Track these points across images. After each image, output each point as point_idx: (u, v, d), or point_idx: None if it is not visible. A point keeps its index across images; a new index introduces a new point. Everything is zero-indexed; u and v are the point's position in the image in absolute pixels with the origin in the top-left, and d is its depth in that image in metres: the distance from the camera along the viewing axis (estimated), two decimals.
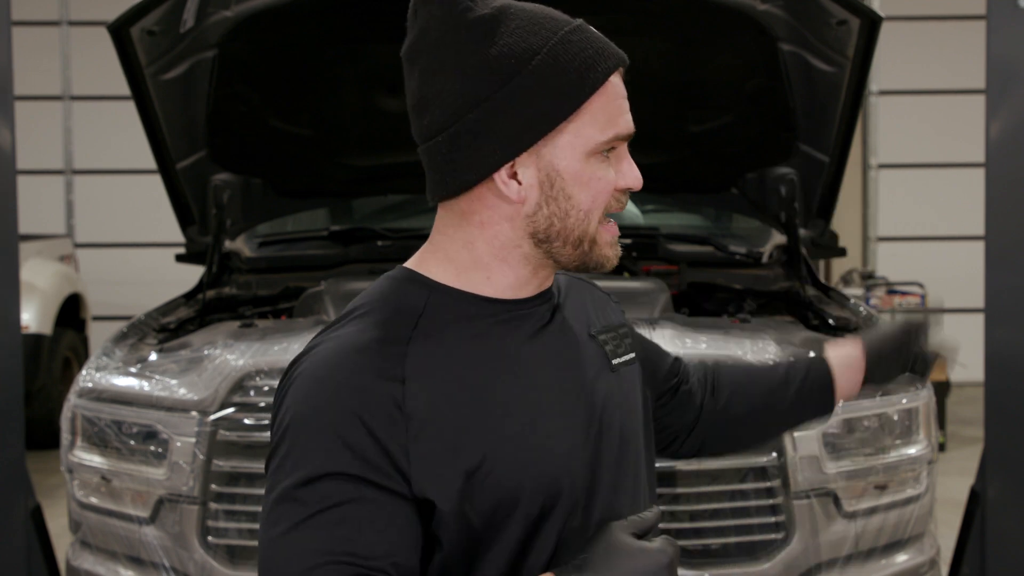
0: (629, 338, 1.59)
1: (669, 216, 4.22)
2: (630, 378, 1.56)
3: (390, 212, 4.20)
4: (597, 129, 1.37)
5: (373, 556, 1.26)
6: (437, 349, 1.38)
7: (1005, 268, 3.29)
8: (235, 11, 3.29)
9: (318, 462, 1.28)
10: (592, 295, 1.61)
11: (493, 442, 1.36)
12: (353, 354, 1.34)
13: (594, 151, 1.38)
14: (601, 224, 1.41)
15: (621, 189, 1.41)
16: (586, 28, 1.39)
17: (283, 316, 3.73)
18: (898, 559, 2.91)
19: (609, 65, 1.37)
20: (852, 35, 3.22)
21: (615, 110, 1.38)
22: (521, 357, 1.42)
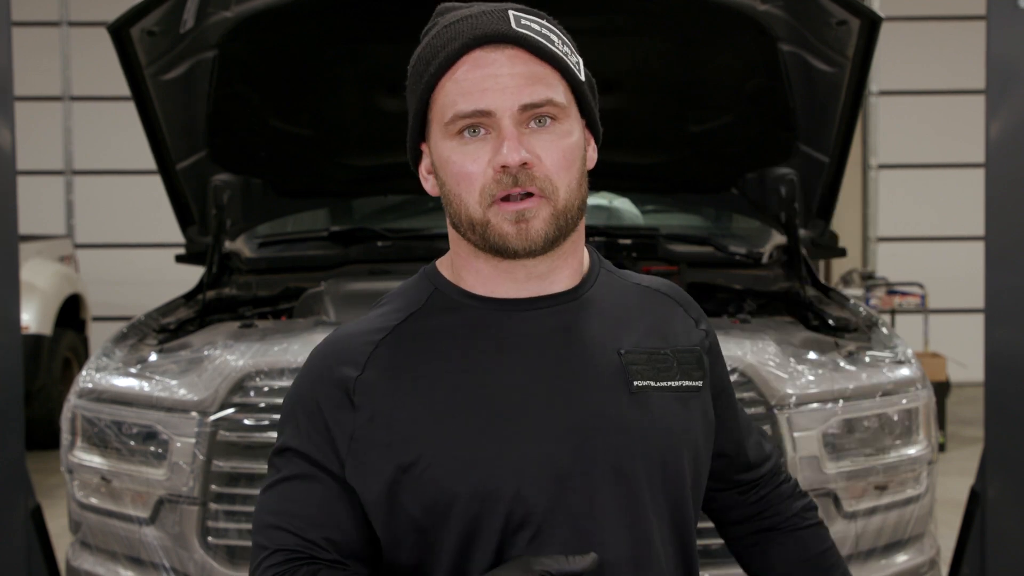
0: (692, 364, 1.48)
1: (669, 216, 4.22)
2: (668, 407, 1.44)
3: (390, 212, 4.20)
4: (441, 116, 1.40)
5: (309, 529, 1.40)
6: (410, 344, 1.43)
7: (1005, 268, 3.29)
8: (235, 11, 3.28)
9: (285, 436, 1.46)
10: (667, 313, 1.52)
11: (433, 441, 1.38)
12: (334, 343, 1.47)
13: (448, 134, 1.39)
14: (494, 204, 1.38)
15: (497, 169, 1.37)
16: (469, 17, 1.40)
17: (283, 317, 3.73)
18: (898, 559, 2.91)
19: (453, 48, 1.38)
20: (852, 35, 3.22)
21: (459, 91, 1.38)
22: (495, 360, 1.41)
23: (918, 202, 10.01)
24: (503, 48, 1.37)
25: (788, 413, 2.79)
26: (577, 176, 1.41)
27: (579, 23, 3.38)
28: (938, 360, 7.35)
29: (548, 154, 1.38)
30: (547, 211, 1.38)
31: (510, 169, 1.36)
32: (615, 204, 4.07)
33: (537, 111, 1.37)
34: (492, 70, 1.37)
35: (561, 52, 1.41)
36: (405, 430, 1.39)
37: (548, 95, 1.38)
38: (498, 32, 1.37)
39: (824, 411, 2.83)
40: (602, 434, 1.40)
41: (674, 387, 1.45)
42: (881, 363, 3.00)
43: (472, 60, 1.37)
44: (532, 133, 1.37)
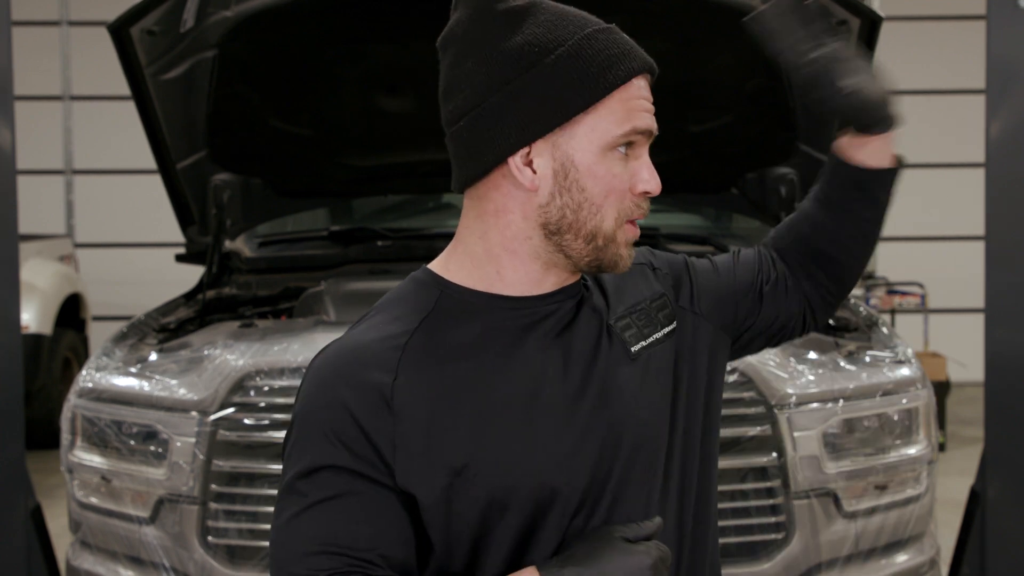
0: (665, 309, 1.53)
1: (669, 216, 4.22)
2: (661, 357, 1.49)
3: (390, 212, 4.20)
4: (614, 123, 1.40)
5: (361, 547, 1.33)
6: (436, 346, 1.41)
7: (1005, 268, 3.29)
8: (235, 11, 3.28)
9: (315, 454, 1.35)
10: (624, 274, 1.53)
11: (481, 442, 1.37)
12: (353, 351, 1.40)
13: (609, 145, 1.40)
14: (620, 225, 1.42)
15: (639, 193, 1.43)
16: (616, 31, 1.45)
17: (283, 316, 3.72)
18: (898, 559, 2.91)
19: (633, 66, 1.43)
20: (852, 35, 3.22)
21: (634, 107, 1.42)
22: (525, 356, 1.41)
23: (918, 202, 10.00)
24: (646, 77, 1.47)
25: (788, 413, 2.79)
26: None
27: None
28: (938, 360, 7.35)
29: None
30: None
31: (651, 194, 1.45)
32: None
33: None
34: (647, 95, 1.46)
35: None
36: (450, 434, 1.36)
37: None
38: (650, 65, 1.46)
39: (824, 411, 2.83)
40: (624, 412, 1.43)
41: (660, 338, 1.50)
42: (881, 363, 3.00)
43: (638, 83, 1.45)
44: None
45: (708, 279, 1.61)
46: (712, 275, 1.63)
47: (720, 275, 1.64)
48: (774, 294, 1.66)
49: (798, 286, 1.67)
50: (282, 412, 2.83)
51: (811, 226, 1.68)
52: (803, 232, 1.69)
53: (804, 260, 1.68)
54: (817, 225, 1.68)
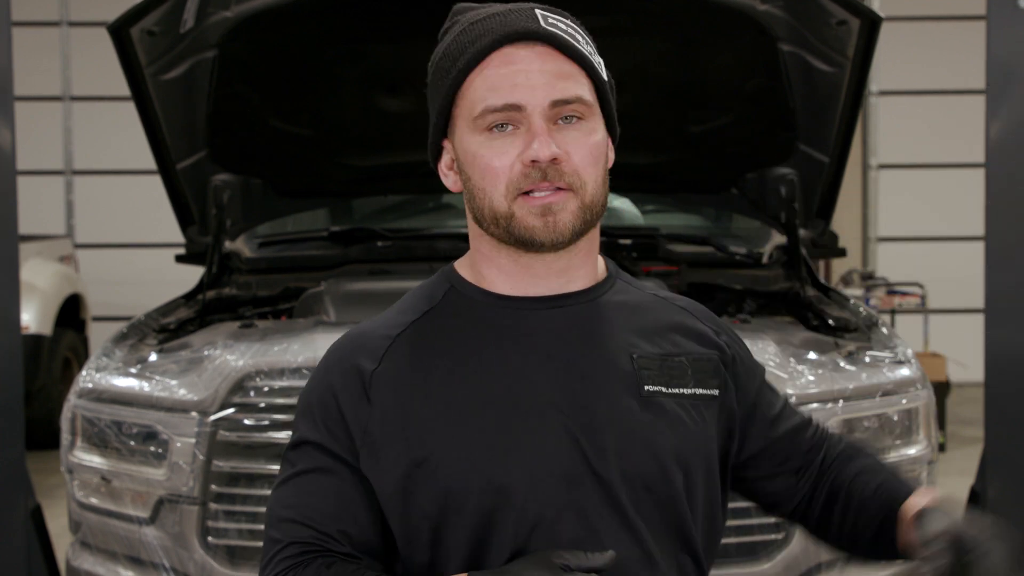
0: (707, 373, 1.48)
1: (669, 216, 4.21)
2: (680, 414, 1.44)
3: (390, 212, 4.20)
4: (471, 106, 1.40)
5: (326, 522, 1.41)
6: (427, 339, 1.45)
7: (1005, 268, 3.29)
8: (235, 11, 3.28)
9: (303, 429, 1.45)
10: (683, 322, 1.51)
11: (446, 437, 1.39)
12: (353, 337, 1.48)
13: (475, 129, 1.40)
14: (513, 199, 1.39)
15: (526, 163, 1.38)
16: (491, 18, 1.41)
17: (283, 316, 3.72)
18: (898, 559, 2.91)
19: (487, 42, 1.39)
20: (852, 35, 3.22)
21: (489, 86, 1.39)
22: (509, 358, 1.42)
23: (918, 202, 10.00)
24: (532, 45, 1.39)
25: None
26: (602, 173, 1.44)
27: None
28: (938, 360, 7.35)
29: (576, 150, 1.39)
30: (575, 204, 1.40)
31: (540, 164, 1.37)
32: (615, 204, 4.07)
33: (566, 108, 1.39)
34: (523, 66, 1.38)
35: (586, 51, 1.43)
36: (419, 426, 1.40)
37: (577, 92, 1.40)
38: (528, 29, 1.39)
39: (824, 411, 2.83)
40: (611, 437, 1.40)
41: (687, 394, 1.45)
42: (881, 363, 3.00)
43: (502, 56, 1.39)
44: (560, 129, 1.39)
45: (764, 411, 1.57)
46: (768, 412, 1.57)
47: (773, 424, 1.58)
48: (784, 473, 1.60)
49: (800, 486, 1.60)
50: (282, 412, 2.82)
51: (844, 506, 1.57)
52: (838, 495, 1.58)
53: (822, 495, 1.59)
54: (847, 511, 1.57)
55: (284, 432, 2.80)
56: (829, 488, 1.58)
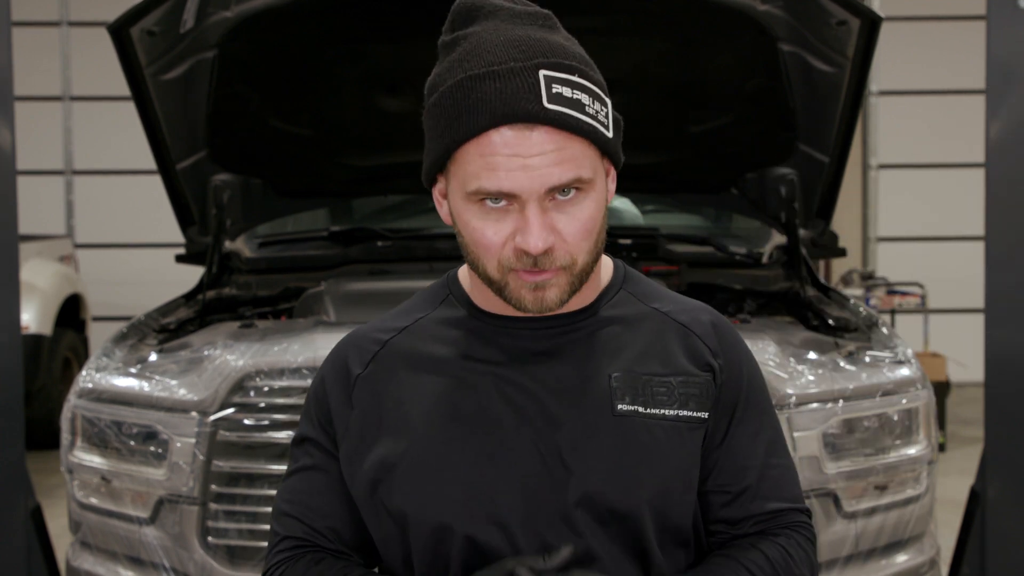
0: (695, 395, 1.43)
1: (669, 216, 4.21)
2: (656, 435, 1.40)
3: (390, 212, 4.20)
4: (466, 178, 1.34)
5: (316, 519, 1.47)
6: (414, 347, 1.46)
7: (1005, 268, 3.29)
8: (235, 11, 3.28)
9: (303, 426, 1.51)
10: (678, 341, 1.46)
11: (412, 448, 1.41)
12: (352, 337, 1.52)
13: (470, 203, 1.35)
14: (505, 274, 1.36)
15: (518, 247, 1.34)
16: (485, 80, 1.32)
17: (283, 316, 3.72)
18: (898, 559, 2.91)
19: (482, 122, 1.31)
20: (852, 35, 3.22)
21: (489, 165, 1.31)
22: (486, 375, 1.42)
23: (918, 202, 10.00)
24: (533, 128, 1.31)
25: (788, 413, 2.79)
26: (598, 235, 1.39)
27: (579, 23, 3.39)
28: (938, 360, 7.35)
29: (570, 228, 1.35)
30: (565, 279, 1.37)
31: (529, 254, 1.33)
32: (615, 204, 4.07)
33: (561, 190, 1.34)
34: (519, 151, 1.30)
35: (591, 118, 1.34)
36: (392, 434, 1.42)
37: (576, 174, 1.33)
38: (528, 112, 1.30)
39: (824, 411, 2.83)
40: (577, 457, 1.39)
41: (669, 416, 1.41)
42: (881, 363, 3.00)
43: (503, 136, 1.31)
44: (557, 206, 1.34)
45: (724, 445, 1.48)
46: (727, 449, 1.49)
47: (722, 465, 1.49)
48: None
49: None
50: (282, 412, 2.83)
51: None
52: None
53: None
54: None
55: (284, 432, 2.80)
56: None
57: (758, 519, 1.48)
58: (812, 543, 1.51)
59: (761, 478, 1.48)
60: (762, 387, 1.53)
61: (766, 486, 1.48)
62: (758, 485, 1.48)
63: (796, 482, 1.54)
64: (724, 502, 1.47)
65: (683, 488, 1.43)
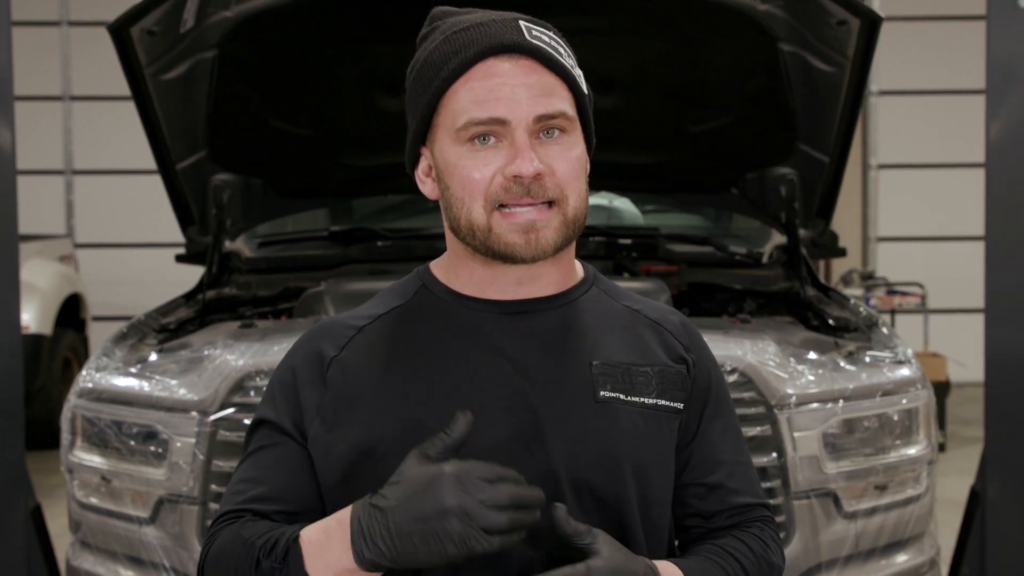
0: (674, 386, 1.46)
1: (669, 216, 4.22)
2: (636, 423, 1.43)
3: (390, 212, 4.20)
4: (455, 117, 1.39)
5: (269, 499, 1.44)
6: (387, 334, 1.47)
7: (1005, 268, 3.29)
8: (235, 11, 3.28)
9: (260, 410, 1.51)
10: (651, 336, 1.49)
11: (389, 431, 1.41)
12: (324, 325, 1.52)
13: (457, 140, 1.39)
14: (490, 213, 1.39)
15: (508, 177, 1.38)
16: (469, 29, 1.40)
17: (283, 316, 3.72)
18: (898, 559, 2.91)
19: (471, 53, 1.38)
20: (852, 35, 3.22)
21: (473, 99, 1.38)
22: (466, 359, 1.43)
23: (918, 202, 10.00)
24: (517, 58, 1.38)
25: (788, 413, 2.79)
26: (584, 186, 1.43)
27: (579, 23, 3.39)
28: (938, 360, 7.35)
29: (560, 164, 1.39)
30: (558, 220, 1.39)
31: (523, 179, 1.37)
32: (615, 204, 4.07)
33: (550, 122, 1.38)
34: (507, 79, 1.37)
35: (569, 64, 1.42)
36: (368, 416, 1.42)
37: (561, 107, 1.39)
38: (513, 42, 1.38)
39: (824, 411, 2.83)
40: (559, 441, 1.40)
41: (648, 404, 1.44)
42: (881, 363, 3.00)
43: (486, 68, 1.38)
44: (543, 144, 1.38)
45: (697, 440, 1.52)
46: (699, 446, 1.52)
47: (694, 460, 1.52)
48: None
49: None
50: None
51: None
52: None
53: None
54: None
55: None
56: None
57: (731, 512, 1.53)
58: (776, 532, 1.57)
59: (732, 473, 1.53)
60: (726, 386, 1.59)
61: (736, 480, 1.53)
62: (729, 479, 1.52)
63: (758, 478, 1.60)
64: (699, 495, 1.51)
65: (663, 477, 1.46)
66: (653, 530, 1.46)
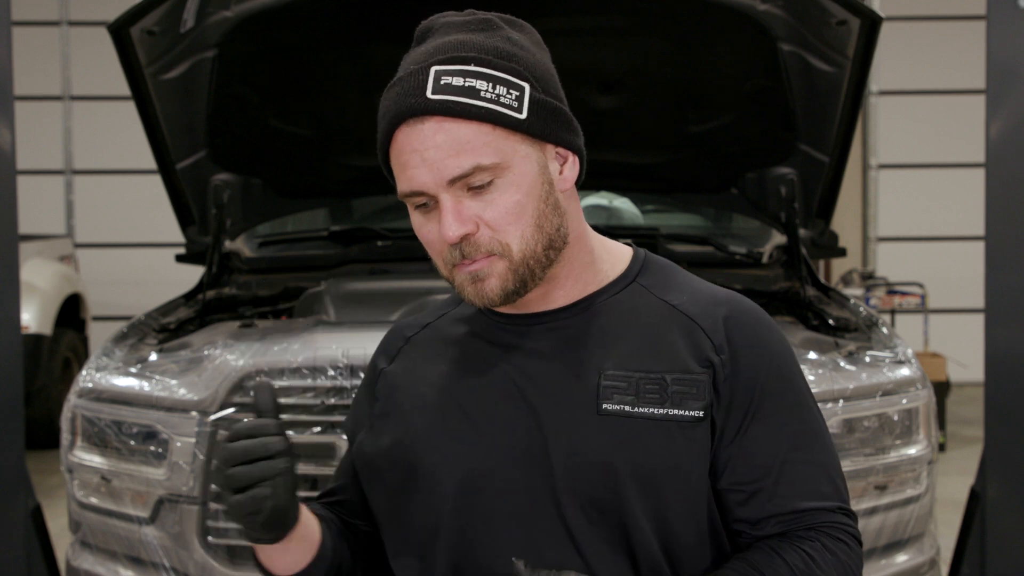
0: (689, 394, 1.39)
1: (669, 216, 4.21)
2: (643, 435, 1.37)
3: (390, 212, 4.19)
4: (397, 188, 1.41)
5: (336, 489, 1.61)
6: (428, 344, 1.54)
7: (1005, 268, 3.29)
8: (235, 11, 3.28)
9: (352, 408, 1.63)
10: (680, 336, 1.41)
11: (416, 442, 1.46)
12: (388, 334, 1.61)
13: (408, 206, 1.42)
14: (450, 270, 1.41)
15: (443, 243, 1.39)
16: (390, 90, 1.41)
17: (283, 316, 3.72)
18: (898, 559, 2.91)
19: (384, 126, 1.39)
20: (852, 35, 3.22)
21: (399, 170, 1.39)
22: (480, 373, 1.45)
23: (918, 202, 10.01)
24: (423, 120, 1.35)
25: None
26: (533, 220, 1.38)
27: (579, 23, 3.39)
28: (938, 360, 7.35)
29: (490, 214, 1.36)
30: (501, 267, 1.38)
31: (453, 244, 1.37)
32: (615, 204, 4.06)
33: (468, 179, 1.35)
34: (415, 146, 1.36)
35: (488, 102, 1.35)
36: (395, 426, 1.49)
37: (474, 161, 1.34)
38: (411, 107, 1.35)
39: (824, 411, 2.83)
40: (561, 454, 1.38)
41: (657, 415, 1.38)
42: (881, 363, 3.00)
43: (402, 136, 1.37)
44: (473, 196, 1.37)
45: (738, 443, 1.42)
46: (741, 448, 1.43)
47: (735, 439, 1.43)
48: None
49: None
50: (282, 412, 2.82)
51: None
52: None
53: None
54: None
55: None
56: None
57: (780, 519, 1.42)
58: (846, 544, 1.43)
59: (781, 475, 1.41)
60: (790, 380, 1.46)
61: (787, 484, 1.41)
62: (777, 483, 1.41)
63: (831, 479, 1.45)
64: (740, 500, 1.42)
65: (680, 487, 1.38)
66: (686, 546, 1.40)
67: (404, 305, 3.24)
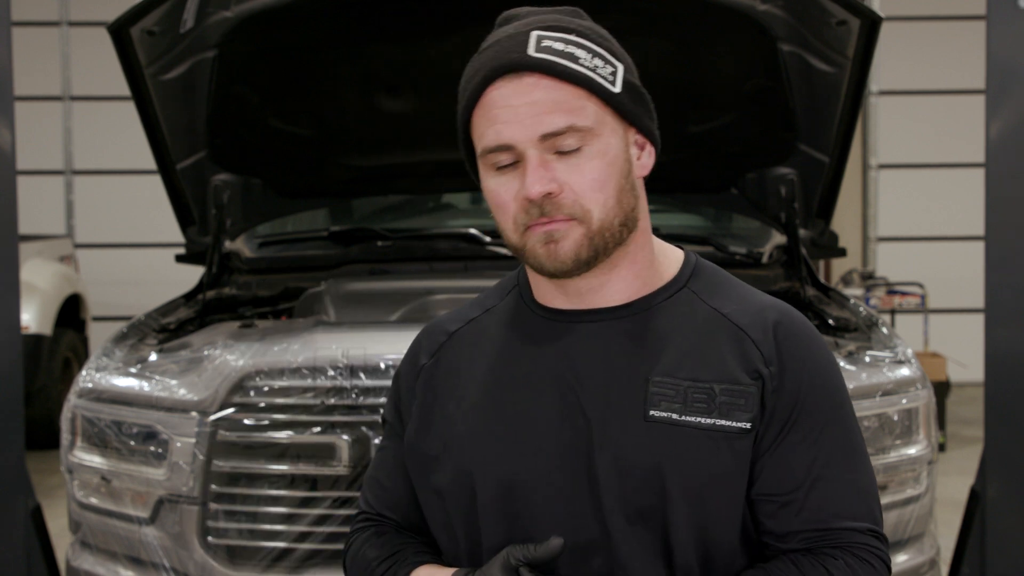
0: (737, 405, 1.37)
1: (669, 216, 4.21)
2: (690, 444, 1.36)
3: (390, 212, 4.19)
4: (477, 144, 1.40)
5: (384, 495, 1.56)
6: (471, 341, 1.51)
7: (1005, 268, 3.29)
8: (235, 11, 3.28)
9: (385, 409, 1.61)
10: (729, 346, 1.40)
11: (457, 442, 1.46)
12: (428, 329, 1.58)
13: (485, 166, 1.40)
14: (521, 232, 1.39)
15: (522, 199, 1.37)
16: (484, 52, 1.39)
17: (283, 316, 3.72)
18: (898, 559, 2.91)
19: (477, 81, 1.37)
20: (852, 35, 3.22)
21: (487, 124, 1.37)
22: (528, 371, 1.44)
23: (918, 202, 10.01)
24: (521, 76, 1.35)
25: None
26: (614, 193, 1.39)
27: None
28: (938, 360, 7.35)
29: (576, 178, 1.36)
30: (578, 232, 1.37)
31: (534, 201, 1.35)
32: None
33: (559, 139, 1.35)
34: (509, 101, 1.35)
35: (587, 69, 1.37)
36: (439, 423, 1.48)
37: (569, 121, 1.35)
38: (512, 62, 1.35)
39: None
40: (606, 458, 1.37)
41: (704, 425, 1.36)
42: (881, 363, 3.00)
43: (492, 93, 1.36)
44: (560, 159, 1.36)
45: (776, 454, 1.40)
46: (781, 461, 1.40)
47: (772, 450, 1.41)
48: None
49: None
50: (282, 412, 2.82)
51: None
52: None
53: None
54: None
55: (284, 432, 2.80)
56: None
57: (807, 535, 1.39)
58: (872, 566, 1.39)
59: (812, 490, 1.39)
60: (833, 396, 1.43)
61: (817, 499, 1.39)
62: (807, 497, 1.38)
63: (865, 499, 1.41)
64: (769, 512, 1.39)
65: (723, 498, 1.37)
66: (722, 555, 1.39)
67: (404, 305, 3.24)
